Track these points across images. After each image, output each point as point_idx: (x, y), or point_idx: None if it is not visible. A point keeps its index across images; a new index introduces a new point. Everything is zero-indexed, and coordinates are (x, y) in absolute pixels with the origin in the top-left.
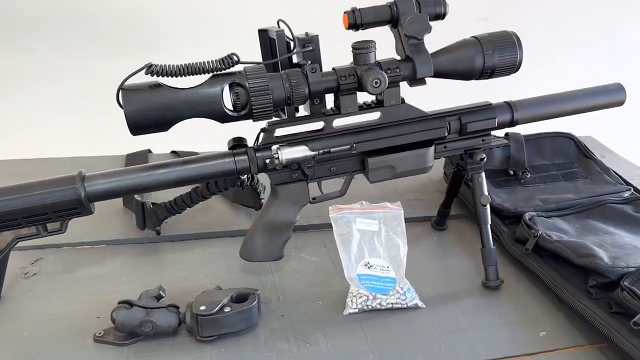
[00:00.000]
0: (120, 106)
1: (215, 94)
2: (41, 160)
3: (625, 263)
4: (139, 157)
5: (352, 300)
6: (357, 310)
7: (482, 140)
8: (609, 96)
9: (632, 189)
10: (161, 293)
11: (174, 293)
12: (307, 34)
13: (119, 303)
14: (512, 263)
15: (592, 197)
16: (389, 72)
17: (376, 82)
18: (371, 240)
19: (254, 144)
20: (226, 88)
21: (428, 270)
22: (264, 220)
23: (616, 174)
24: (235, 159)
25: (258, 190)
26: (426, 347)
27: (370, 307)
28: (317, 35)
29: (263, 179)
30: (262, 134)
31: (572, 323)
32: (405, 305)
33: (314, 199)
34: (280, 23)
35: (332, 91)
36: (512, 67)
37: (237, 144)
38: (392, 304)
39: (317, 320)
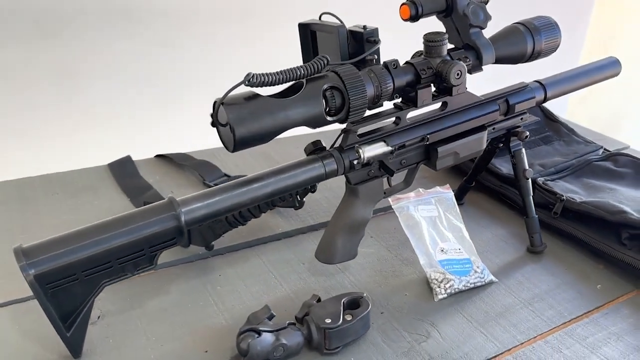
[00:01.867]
0: (219, 123)
1: (317, 101)
2: (20, 182)
3: None
4: (123, 165)
5: (439, 287)
6: (446, 295)
7: (521, 119)
8: (612, 69)
9: (602, 146)
10: (273, 313)
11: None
12: (365, 27)
13: (241, 332)
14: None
15: (579, 158)
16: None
17: (458, 74)
18: (435, 225)
19: (333, 146)
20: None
21: (474, 245)
22: (345, 221)
23: None
24: (324, 162)
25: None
26: (520, 317)
27: (456, 290)
28: (377, 28)
29: None
30: (342, 135)
31: (615, 273)
32: (484, 283)
33: (384, 192)
34: (326, 16)
35: (411, 85)
36: (555, 49)
37: (317, 148)
38: (473, 283)
39: (416, 311)
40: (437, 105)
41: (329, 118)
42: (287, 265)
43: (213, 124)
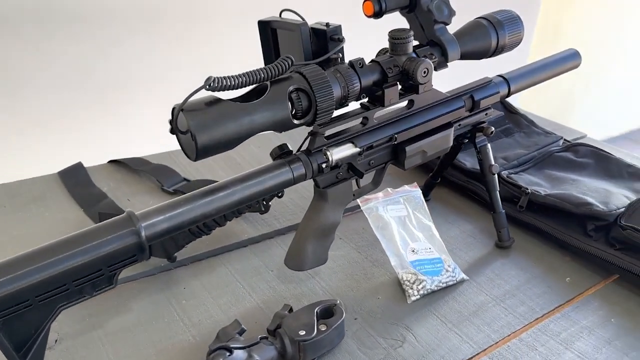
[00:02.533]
0: (179, 131)
1: (282, 104)
2: None
3: (615, 205)
4: (74, 173)
5: (411, 288)
6: (419, 296)
7: (486, 114)
8: (572, 61)
9: (562, 137)
10: (243, 327)
11: (243, 321)
12: (328, 24)
13: (212, 351)
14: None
15: (540, 149)
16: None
17: (425, 72)
18: (405, 225)
19: (300, 149)
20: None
21: (443, 242)
22: (314, 226)
23: None
24: (292, 167)
25: None
26: (493, 315)
27: (429, 290)
28: (340, 26)
29: None
30: (309, 138)
31: (582, 265)
32: (455, 281)
33: (353, 194)
34: (287, 13)
35: (377, 84)
36: (518, 43)
37: (283, 152)
38: (445, 282)
39: (390, 315)
40: (404, 103)
41: (295, 121)
42: (255, 273)
43: (172, 131)
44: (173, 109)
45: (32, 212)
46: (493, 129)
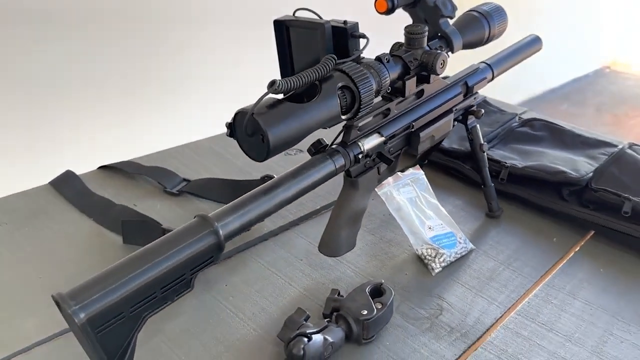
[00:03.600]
0: (247, 134)
1: (334, 101)
2: None
3: (584, 171)
4: (68, 182)
5: (434, 262)
6: (441, 268)
7: (475, 98)
8: (536, 45)
9: (516, 114)
10: (308, 314)
11: (293, 309)
12: (345, 22)
13: (291, 339)
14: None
15: (502, 126)
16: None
17: (442, 63)
18: (416, 205)
19: (334, 142)
20: None
21: None
22: (347, 213)
23: None
24: (333, 159)
25: None
26: (506, 277)
27: (448, 262)
28: (357, 23)
29: None
30: (344, 131)
31: (563, 226)
32: (467, 251)
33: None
34: (302, 12)
35: (400, 77)
36: (503, 32)
37: (321, 146)
38: (460, 253)
39: (421, 287)
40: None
41: (343, 117)
42: (286, 263)
43: (232, 135)
44: (238, 113)
45: (38, 227)
46: (483, 111)
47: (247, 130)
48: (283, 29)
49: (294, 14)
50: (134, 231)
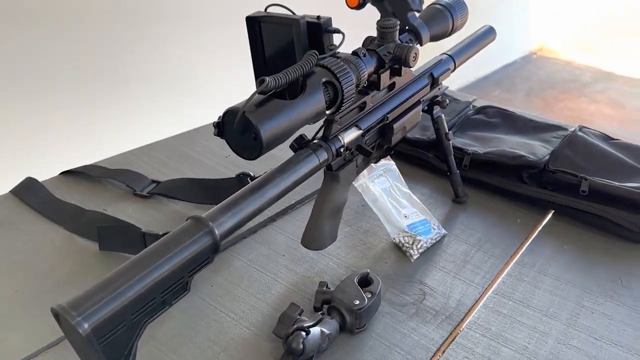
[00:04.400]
0: (238, 133)
1: (320, 97)
2: None
3: (541, 154)
4: (30, 190)
5: (412, 248)
6: (418, 254)
7: (439, 89)
8: (491, 35)
9: (470, 102)
10: (302, 308)
11: (283, 305)
12: (319, 17)
13: (292, 332)
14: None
15: (459, 115)
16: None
17: (414, 56)
18: (391, 195)
19: (315, 137)
20: None
21: None
22: (330, 206)
23: None
24: (317, 154)
25: None
26: (479, 259)
27: (425, 248)
28: (330, 18)
29: None
30: (325, 125)
31: (524, 207)
32: (440, 237)
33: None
34: (274, 8)
35: (375, 70)
36: (465, 23)
37: (304, 142)
38: (435, 239)
39: (403, 274)
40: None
41: (327, 111)
42: (268, 260)
43: (220, 134)
44: (227, 112)
45: (5, 238)
46: (448, 101)
47: (238, 129)
48: (255, 25)
49: (265, 10)
50: (111, 237)
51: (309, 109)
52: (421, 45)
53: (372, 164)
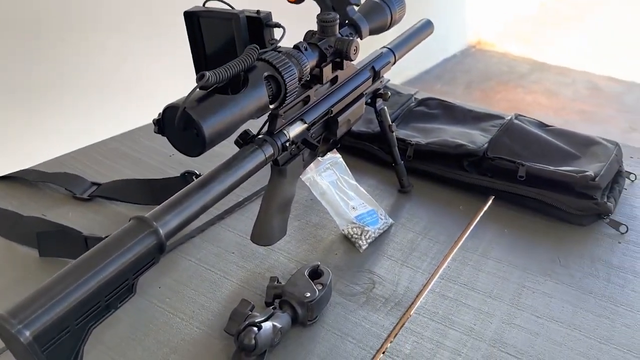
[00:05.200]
0: (181, 129)
1: (262, 91)
2: None
3: (480, 143)
4: None
5: (360, 239)
6: (367, 245)
7: (381, 82)
8: (429, 28)
9: (412, 94)
10: (252, 304)
11: (234, 302)
12: (259, 12)
13: (243, 329)
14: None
15: (401, 107)
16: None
17: (355, 50)
18: (338, 187)
19: (260, 132)
20: None
21: None
22: (278, 201)
23: None
24: (262, 149)
25: None
26: (425, 246)
27: (373, 238)
28: (270, 12)
29: None
30: (269, 120)
31: (466, 194)
32: (387, 226)
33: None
34: (212, 3)
35: (318, 65)
36: (403, 17)
37: (249, 137)
38: (382, 228)
39: (352, 265)
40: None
41: (270, 106)
42: (218, 258)
43: (161, 132)
44: (167, 108)
45: None
46: (390, 93)
47: (179, 125)
48: (194, 20)
49: (204, 5)
50: (52, 242)
51: (252, 103)
52: (361, 38)
53: (319, 158)
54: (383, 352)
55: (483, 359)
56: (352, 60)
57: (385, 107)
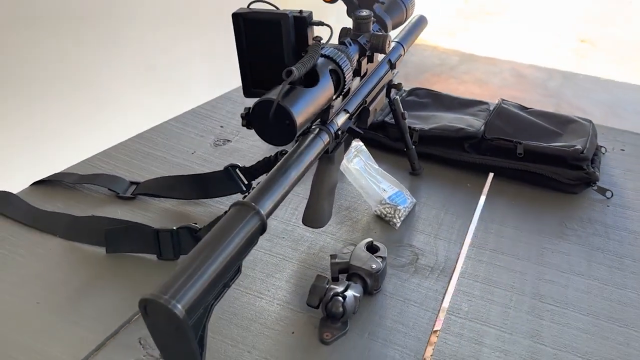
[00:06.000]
0: (274, 121)
1: (331, 84)
2: None
3: (477, 126)
4: (7, 202)
5: (394, 217)
6: (400, 222)
7: (393, 73)
8: (424, 22)
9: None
10: (328, 278)
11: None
12: (301, 11)
13: (328, 300)
14: (399, 154)
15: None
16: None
17: (389, 44)
18: (366, 172)
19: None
20: None
21: None
22: (327, 186)
23: None
24: (321, 137)
25: None
26: (450, 220)
27: (404, 216)
28: (311, 12)
29: None
30: (323, 110)
31: (470, 173)
32: (413, 205)
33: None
34: (257, 4)
35: (358, 59)
36: (413, 13)
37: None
38: (410, 207)
39: (393, 241)
40: None
41: (334, 97)
42: (272, 243)
43: (248, 125)
44: (259, 103)
45: (3, 253)
46: (402, 83)
47: (273, 117)
48: (240, 21)
49: (248, 7)
50: (120, 239)
51: (325, 95)
52: (386, 32)
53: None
54: (445, 312)
55: (529, 309)
56: (386, 54)
57: (398, 97)
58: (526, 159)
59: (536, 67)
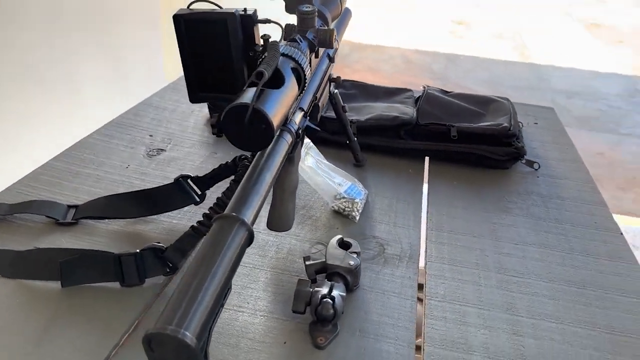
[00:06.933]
0: (249, 125)
1: (295, 84)
2: None
3: (410, 113)
4: None
5: (353, 210)
6: (359, 215)
7: (332, 67)
8: (350, 14)
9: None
10: (310, 280)
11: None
12: (245, 9)
13: (319, 302)
14: (339, 147)
15: None
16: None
17: (335, 38)
18: (320, 169)
19: None
20: None
21: None
22: (290, 187)
23: None
24: (284, 137)
25: None
26: (403, 207)
27: (362, 208)
28: (256, 9)
29: None
30: None
31: (408, 159)
32: (366, 196)
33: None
34: (199, 4)
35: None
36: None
37: None
38: (364, 199)
39: (357, 234)
40: None
41: (298, 95)
42: None
43: (219, 133)
44: (230, 108)
45: None
46: (341, 77)
47: (248, 122)
48: (182, 23)
49: (188, 7)
50: (76, 270)
51: (292, 95)
52: (328, 27)
53: None
54: (424, 297)
55: (498, 284)
56: (334, 48)
57: (337, 91)
58: (460, 140)
59: (421, 52)
